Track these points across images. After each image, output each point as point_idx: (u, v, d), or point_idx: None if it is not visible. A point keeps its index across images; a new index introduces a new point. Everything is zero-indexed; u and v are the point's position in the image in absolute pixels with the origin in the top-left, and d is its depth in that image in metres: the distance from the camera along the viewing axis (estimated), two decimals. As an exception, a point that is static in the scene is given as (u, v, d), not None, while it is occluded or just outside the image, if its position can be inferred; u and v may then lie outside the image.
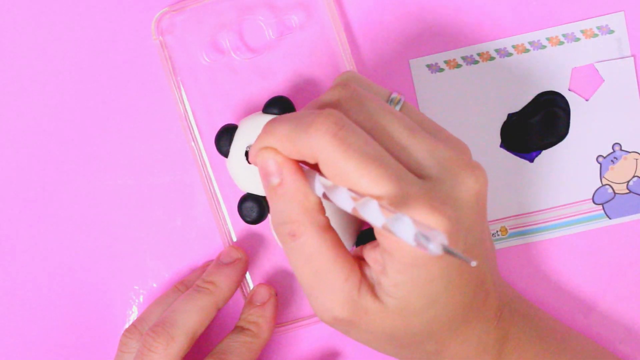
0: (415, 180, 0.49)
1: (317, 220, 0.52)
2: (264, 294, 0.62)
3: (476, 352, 0.55)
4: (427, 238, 0.43)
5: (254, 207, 0.60)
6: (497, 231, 0.63)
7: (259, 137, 0.52)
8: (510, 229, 0.64)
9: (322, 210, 0.52)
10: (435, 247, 0.43)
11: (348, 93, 0.52)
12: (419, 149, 0.51)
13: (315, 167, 0.52)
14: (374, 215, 0.46)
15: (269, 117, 0.59)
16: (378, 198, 0.48)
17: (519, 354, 0.57)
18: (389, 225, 0.45)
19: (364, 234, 0.61)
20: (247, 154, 0.59)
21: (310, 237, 0.51)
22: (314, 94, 0.62)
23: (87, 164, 0.63)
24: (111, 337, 0.63)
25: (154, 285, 0.63)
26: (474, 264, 0.44)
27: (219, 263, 0.61)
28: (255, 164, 0.53)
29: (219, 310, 0.60)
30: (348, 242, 0.60)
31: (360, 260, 0.53)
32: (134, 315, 0.63)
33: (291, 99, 0.61)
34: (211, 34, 0.62)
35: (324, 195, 0.50)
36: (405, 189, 0.48)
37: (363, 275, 0.52)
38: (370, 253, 0.52)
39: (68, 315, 0.63)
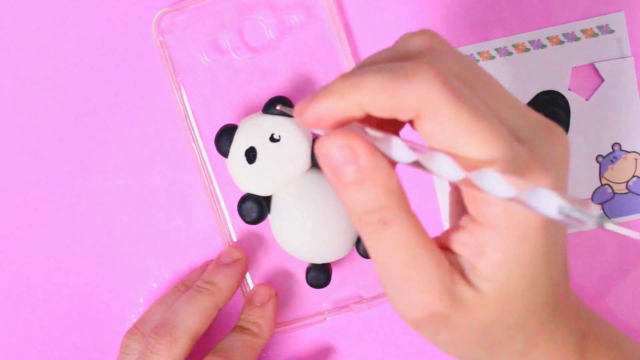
0: (518, 144, 0.43)
1: (406, 203, 0.44)
2: (264, 294, 0.62)
3: (561, 353, 0.49)
4: (578, 210, 0.38)
5: (254, 207, 0.60)
6: (497, 231, 0.64)
7: (333, 90, 0.43)
8: (510, 228, 0.64)
9: (404, 192, 0.45)
10: (591, 219, 0.37)
11: (439, 40, 0.45)
12: (517, 108, 0.45)
13: (394, 130, 0.46)
14: (499, 185, 0.40)
15: (269, 117, 0.59)
16: (486, 162, 0.42)
17: (599, 356, 0.52)
18: (524, 197, 0.39)
19: None
20: (247, 153, 0.59)
21: (403, 222, 0.44)
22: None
23: (87, 164, 0.63)
24: (112, 338, 0.63)
25: (154, 285, 0.63)
26: (637, 235, 0.39)
27: (219, 263, 0.61)
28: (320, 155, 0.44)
29: (219, 310, 0.60)
30: (349, 241, 0.60)
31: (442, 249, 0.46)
32: (134, 315, 0.63)
33: (291, 98, 0.61)
34: (211, 34, 0.62)
35: (416, 164, 0.42)
36: (516, 151, 0.42)
37: (451, 263, 0.45)
38: (457, 237, 0.46)
39: (68, 316, 0.63)
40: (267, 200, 0.61)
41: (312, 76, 0.62)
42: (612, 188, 0.64)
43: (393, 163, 0.44)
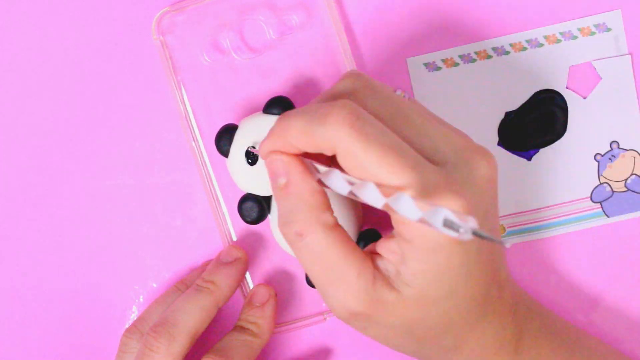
0: (432, 167, 0.49)
1: (324, 219, 0.52)
2: (263, 294, 0.62)
3: (494, 348, 0.55)
4: (456, 223, 0.44)
5: (254, 207, 0.60)
6: (495, 229, 0.64)
7: (273, 133, 0.52)
8: (508, 227, 0.64)
9: (329, 208, 0.52)
10: (465, 231, 0.43)
11: (361, 82, 0.53)
12: (434, 135, 0.51)
13: (333, 162, 0.51)
14: (409, 209, 0.46)
15: (270, 117, 0.59)
16: (399, 188, 0.48)
17: (536, 351, 0.57)
18: (426, 218, 0.45)
19: (364, 234, 0.61)
20: (247, 153, 0.59)
21: (317, 235, 0.51)
22: (314, 94, 0.62)
23: (86, 163, 0.63)
24: (111, 337, 0.63)
25: (154, 285, 0.63)
26: (507, 245, 0.44)
27: (219, 262, 0.61)
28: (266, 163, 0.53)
29: (219, 309, 0.60)
30: None
31: (373, 255, 0.53)
32: (134, 315, 0.63)
33: (292, 99, 0.61)
34: (212, 34, 0.62)
35: (350, 193, 0.50)
36: (425, 176, 0.49)
37: (377, 269, 0.52)
38: (385, 245, 0.52)
39: (68, 315, 0.63)
40: (267, 200, 0.61)
41: (313, 76, 0.63)
42: (610, 186, 0.64)
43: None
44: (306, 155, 0.53)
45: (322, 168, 0.52)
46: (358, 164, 0.49)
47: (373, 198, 0.48)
